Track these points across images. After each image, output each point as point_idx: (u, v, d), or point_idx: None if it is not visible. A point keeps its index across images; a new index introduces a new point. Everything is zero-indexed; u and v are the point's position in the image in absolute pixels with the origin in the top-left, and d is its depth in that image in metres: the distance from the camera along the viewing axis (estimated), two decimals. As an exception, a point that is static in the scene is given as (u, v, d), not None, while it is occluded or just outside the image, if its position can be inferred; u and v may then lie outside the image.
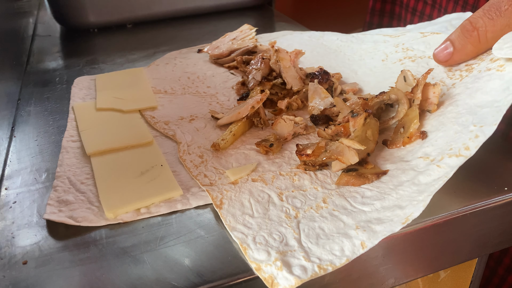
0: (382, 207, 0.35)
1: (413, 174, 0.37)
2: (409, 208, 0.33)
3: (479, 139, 0.35)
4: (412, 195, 0.34)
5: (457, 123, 0.38)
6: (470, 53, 0.42)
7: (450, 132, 0.38)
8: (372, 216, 0.34)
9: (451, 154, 0.35)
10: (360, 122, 0.41)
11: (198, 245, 0.33)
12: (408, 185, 0.36)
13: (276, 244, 0.33)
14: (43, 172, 0.43)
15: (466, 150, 0.35)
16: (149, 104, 0.53)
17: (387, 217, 0.33)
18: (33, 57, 0.75)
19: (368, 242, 0.32)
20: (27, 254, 0.33)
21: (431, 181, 0.35)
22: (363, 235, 0.32)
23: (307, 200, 0.37)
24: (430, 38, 0.54)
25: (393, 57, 0.55)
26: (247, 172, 0.41)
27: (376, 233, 0.32)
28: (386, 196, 0.36)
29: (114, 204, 0.36)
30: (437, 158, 0.36)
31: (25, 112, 0.55)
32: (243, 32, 0.72)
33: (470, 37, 0.41)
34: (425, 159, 0.37)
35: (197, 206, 0.37)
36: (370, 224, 0.33)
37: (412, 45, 0.55)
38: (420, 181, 0.35)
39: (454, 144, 0.36)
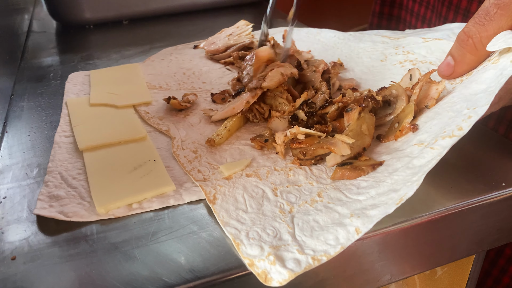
0: (377, 193, 0.34)
1: (408, 160, 0.36)
2: (403, 190, 0.32)
3: (472, 119, 0.34)
4: (406, 178, 0.34)
5: (452, 110, 0.38)
6: (471, 62, 0.43)
7: (445, 118, 0.38)
8: (367, 203, 0.33)
9: (445, 136, 0.35)
10: (354, 116, 0.41)
11: (191, 240, 0.32)
12: (403, 170, 0.35)
13: (270, 239, 0.32)
14: (35, 167, 0.42)
15: (459, 130, 0.34)
16: (143, 99, 0.53)
17: (381, 201, 0.33)
18: (28, 53, 0.74)
19: (362, 227, 0.31)
20: (16, 249, 0.32)
21: (425, 162, 0.34)
22: (357, 221, 0.32)
23: (301, 195, 0.37)
24: (431, 44, 0.53)
25: (393, 58, 0.55)
26: (242, 167, 0.40)
27: (370, 217, 0.31)
28: (381, 183, 0.35)
29: (106, 199, 0.36)
30: (431, 142, 0.36)
31: (18, 108, 0.54)
32: (240, 28, 0.71)
33: (467, 46, 0.42)
34: (420, 145, 0.37)
35: (190, 202, 0.37)
36: (365, 210, 0.32)
37: (413, 49, 0.54)
38: (414, 165, 0.35)
39: (447, 128, 0.36)
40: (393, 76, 0.52)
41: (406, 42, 0.57)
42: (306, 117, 0.44)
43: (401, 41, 0.58)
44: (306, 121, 0.44)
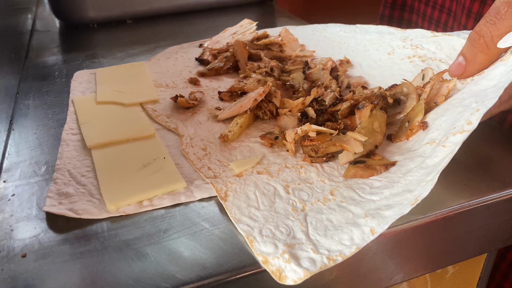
0: (391, 194, 0.34)
1: (421, 160, 0.36)
2: (418, 190, 0.32)
3: (480, 112, 0.34)
4: (420, 178, 0.33)
5: (460, 105, 0.38)
6: (483, 61, 0.42)
7: (454, 114, 0.38)
8: (381, 204, 0.33)
9: (455, 132, 0.35)
10: (366, 114, 0.41)
11: (203, 238, 0.32)
12: (417, 170, 0.35)
13: (283, 237, 0.32)
14: (43, 165, 0.41)
15: (468, 124, 0.34)
16: (150, 97, 0.53)
17: (396, 202, 0.32)
18: (32, 52, 0.73)
19: (378, 228, 0.31)
20: (26, 247, 0.32)
21: (438, 161, 0.34)
22: (372, 222, 0.31)
23: (314, 193, 0.36)
24: (440, 39, 0.53)
25: (401, 52, 0.55)
26: (252, 165, 0.40)
27: (385, 218, 0.31)
28: (395, 184, 0.35)
29: (116, 196, 0.35)
30: (442, 139, 0.36)
31: (24, 106, 0.54)
32: (244, 27, 0.71)
33: (478, 45, 0.42)
34: (431, 144, 0.36)
35: (201, 199, 0.36)
36: (379, 210, 0.32)
37: (421, 43, 0.54)
38: (427, 164, 0.34)
39: (457, 123, 0.36)
40: (402, 72, 0.51)
41: (414, 35, 0.56)
42: (315, 114, 0.44)
43: (408, 32, 0.58)
44: (315, 118, 0.44)
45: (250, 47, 0.62)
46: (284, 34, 0.64)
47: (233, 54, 0.61)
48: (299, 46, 0.64)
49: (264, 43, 0.63)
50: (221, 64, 0.60)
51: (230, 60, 0.60)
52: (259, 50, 0.62)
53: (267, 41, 0.62)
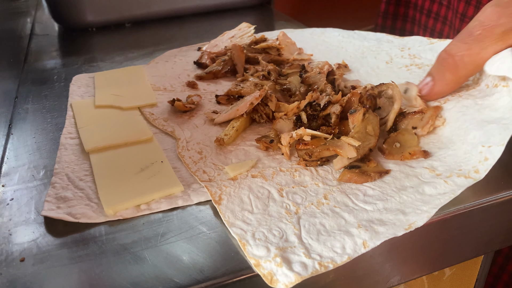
0: (385, 208, 0.34)
1: (417, 182, 0.36)
2: (412, 216, 0.33)
3: (488, 162, 0.35)
4: (415, 203, 0.34)
5: (466, 142, 0.38)
6: (450, 82, 0.42)
7: (460, 151, 0.38)
8: (374, 216, 0.33)
9: (460, 174, 0.36)
10: (358, 118, 0.41)
11: (200, 241, 0.32)
12: (412, 192, 0.35)
13: (276, 240, 0.32)
14: (41, 169, 0.42)
15: (475, 173, 0.35)
16: (148, 101, 0.53)
17: (389, 220, 0.33)
18: (31, 55, 0.74)
19: (370, 242, 0.31)
20: (25, 251, 0.32)
21: (436, 194, 0.34)
22: (365, 235, 0.32)
23: (307, 196, 0.37)
24: (437, 46, 0.53)
25: (399, 61, 0.55)
26: (247, 168, 0.40)
27: (378, 234, 0.32)
28: (389, 198, 0.35)
29: (114, 200, 0.36)
30: (445, 174, 0.36)
31: (23, 110, 0.54)
32: (242, 30, 0.72)
33: (447, 65, 0.41)
34: (431, 171, 0.37)
35: (198, 202, 0.37)
36: (372, 224, 0.33)
37: (419, 53, 0.55)
38: (424, 191, 0.35)
39: (464, 166, 0.36)
40: (399, 79, 0.52)
41: (411, 43, 0.57)
42: (309, 119, 0.44)
43: (406, 40, 0.58)
44: (308, 123, 0.44)
45: (248, 51, 0.63)
46: (282, 38, 0.64)
47: (230, 58, 0.61)
48: (297, 50, 0.64)
49: (262, 47, 0.63)
50: (219, 67, 0.60)
51: (228, 64, 0.61)
52: (257, 53, 0.63)
53: (264, 45, 0.63)
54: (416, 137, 0.41)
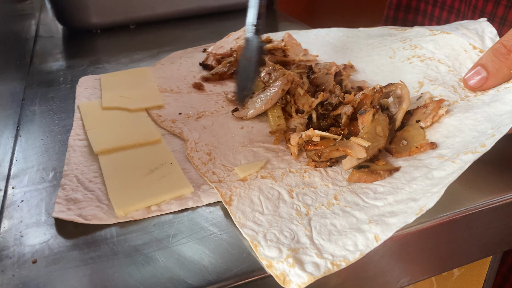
0: (395, 200, 0.34)
1: (426, 170, 0.36)
2: (423, 200, 0.33)
3: (495, 137, 0.35)
4: (425, 188, 0.34)
5: (476, 130, 0.38)
6: (506, 76, 0.40)
7: (468, 137, 0.38)
8: (385, 210, 0.33)
9: (467, 152, 0.35)
10: (368, 118, 0.41)
11: (212, 242, 0.32)
12: (422, 180, 0.35)
13: (287, 241, 0.32)
14: (50, 171, 0.42)
15: (482, 147, 0.35)
16: (155, 102, 0.53)
17: (400, 209, 0.33)
18: (36, 58, 0.74)
19: (382, 235, 0.31)
20: (37, 252, 0.32)
21: (445, 175, 0.34)
22: (376, 228, 0.32)
23: (318, 197, 0.37)
24: (439, 37, 0.53)
25: (401, 54, 0.55)
26: (256, 169, 0.40)
27: (389, 225, 0.31)
28: (399, 190, 0.35)
29: (124, 201, 0.36)
30: (452, 156, 0.36)
31: (30, 112, 0.54)
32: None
33: (506, 61, 0.39)
34: (440, 159, 0.37)
35: (208, 204, 0.37)
36: (383, 217, 0.32)
37: (420, 43, 0.54)
38: (434, 176, 0.35)
39: (470, 145, 0.36)
40: (402, 75, 0.51)
41: (413, 34, 0.56)
42: (319, 118, 0.44)
43: (408, 32, 0.58)
44: (318, 122, 0.44)
45: (254, 52, 0.63)
46: (287, 39, 0.64)
47: (236, 59, 0.61)
48: (302, 51, 0.64)
49: (268, 48, 0.63)
50: (225, 69, 0.60)
51: (233, 65, 0.61)
52: (263, 55, 0.63)
53: (270, 46, 0.63)
54: (423, 131, 0.41)
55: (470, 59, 0.48)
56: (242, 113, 0.50)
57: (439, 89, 0.46)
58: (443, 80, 0.47)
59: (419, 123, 0.42)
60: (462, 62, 0.49)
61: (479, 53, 0.48)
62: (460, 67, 0.48)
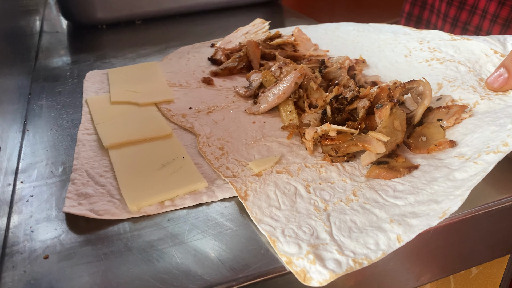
0: (416, 201, 0.33)
1: (447, 171, 0.35)
2: (445, 203, 0.32)
3: None
4: (448, 190, 0.33)
5: (494, 124, 0.37)
6: None
7: (487, 132, 0.37)
8: (406, 210, 0.32)
9: (489, 151, 0.34)
10: (386, 113, 0.40)
11: (228, 238, 0.31)
12: (443, 181, 0.34)
13: (307, 237, 0.31)
14: (59, 165, 0.41)
15: (504, 146, 0.34)
16: (165, 97, 0.52)
17: (422, 211, 0.32)
18: (42, 53, 0.73)
19: (404, 236, 0.30)
20: (48, 248, 0.31)
21: (468, 177, 0.33)
22: (398, 229, 0.31)
23: (336, 193, 0.36)
24: (459, 43, 0.52)
25: (418, 55, 0.54)
26: (271, 164, 0.39)
27: (412, 227, 0.31)
28: (420, 190, 0.34)
29: (137, 196, 0.35)
30: (474, 156, 0.35)
31: (37, 106, 0.53)
32: (256, 26, 0.71)
33: None
34: (460, 158, 0.36)
35: (223, 199, 0.36)
36: (405, 218, 0.32)
37: (439, 47, 0.53)
38: (455, 177, 0.34)
39: (491, 142, 0.35)
40: (420, 75, 0.51)
41: (430, 36, 0.56)
42: (334, 113, 0.43)
43: (424, 33, 0.57)
44: (333, 117, 0.43)
45: (263, 47, 0.62)
46: (297, 34, 0.63)
47: (246, 54, 0.60)
48: (313, 46, 0.63)
49: (277, 43, 0.62)
50: (234, 63, 0.59)
51: (243, 60, 0.60)
52: (272, 49, 0.62)
53: (280, 41, 0.62)
54: (442, 130, 0.41)
55: (491, 62, 0.47)
56: (254, 108, 0.49)
57: (458, 91, 0.45)
58: (462, 80, 0.46)
59: (440, 122, 0.41)
60: (482, 65, 0.48)
61: (500, 57, 0.47)
62: (481, 69, 0.47)
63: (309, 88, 0.47)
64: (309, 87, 0.47)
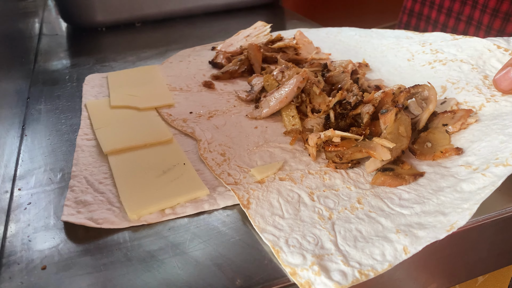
0: (423, 211, 0.32)
1: (454, 181, 0.34)
2: (453, 215, 0.31)
3: None
4: (455, 202, 0.32)
5: (503, 134, 0.37)
6: None
7: (495, 142, 0.36)
8: (412, 220, 0.32)
9: (498, 164, 0.34)
10: (391, 118, 0.39)
11: (231, 248, 0.31)
12: (450, 192, 0.33)
13: (311, 247, 0.30)
14: (58, 172, 0.40)
15: None
16: (165, 101, 0.51)
17: (429, 222, 0.31)
18: (41, 56, 0.72)
19: (411, 248, 0.29)
20: (46, 258, 0.30)
21: (476, 189, 0.33)
22: (405, 240, 0.30)
23: (340, 201, 0.35)
24: (461, 42, 0.51)
25: (421, 58, 0.53)
26: (274, 171, 0.39)
27: (419, 238, 0.30)
28: (426, 200, 0.33)
29: (137, 204, 0.34)
30: (481, 167, 0.34)
31: (36, 111, 0.52)
32: (257, 29, 0.70)
33: None
34: (467, 168, 0.35)
35: (224, 206, 0.35)
36: (412, 228, 0.31)
37: (441, 47, 0.52)
38: (463, 189, 0.33)
39: (500, 154, 0.34)
40: (424, 79, 0.50)
41: (432, 38, 0.55)
42: (337, 118, 0.42)
43: (426, 36, 0.56)
44: (337, 122, 0.42)
45: (265, 50, 0.61)
46: (299, 37, 0.63)
47: (247, 58, 0.59)
48: (315, 49, 0.63)
49: (279, 46, 0.61)
50: (235, 67, 0.59)
51: (244, 63, 0.59)
52: (274, 52, 0.61)
53: (282, 44, 0.61)
54: (448, 135, 0.40)
55: (494, 57, 0.47)
56: (255, 113, 0.48)
57: (462, 93, 0.44)
58: (466, 80, 0.45)
59: (445, 127, 0.40)
60: (486, 60, 0.47)
61: (504, 52, 0.46)
62: (484, 65, 0.47)
63: (312, 93, 0.46)
64: (312, 92, 0.46)
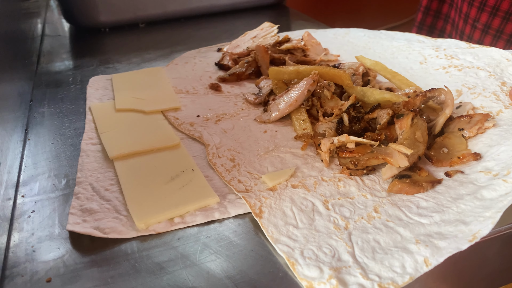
0: (442, 220, 0.31)
1: (474, 188, 0.33)
2: (475, 224, 0.30)
3: None
4: (476, 211, 0.31)
5: None
6: None
7: None
8: (432, 230, 0.30)
9: None
10: (407, 123, 0.38)
11: (243, 259, 0.29)
12: (470, 199, 0.32)
13: (328, 259, 0.29)
14: (62, 178, 0.39)
15: None
16: (172, 104, 0.50)
17: (449, 232, 0.30)
18: (44, 57, 0.71)
19: (432, 259, 0.28)
20: (51, 270, 0.29)
21: (498, 196, 0.31)
22: (425, 251, 0.29)
23: (356, 209, 0.34)
24: (478, 50, 0.50)
25: (434, 62, 0.52)
26: (286, 178, 0.37)
27: (440, 249, 0.29)
28: (445, 209, 0.32)
29: (145, 213, 0.33)
30: (502, 172, 0.33)
31: (39, 114, 0.51)
32: (264, 30, 0.69)
33: None
34: (487, 174, 0.34)
35: (235, 215, 0.34)
36: (432, 239, 0.30)
37: (456, 54, 0.51)
38: (483, 196, 0.32)
39: None
40: (437, 83, 0.49)
41: (446, 44, 0.54)
42: (351, 122, 0.41)
43: (440, 41, 0.55)
44: (350, 126, 0.41)
45: (272, 51, 0.60)
46: (307, 38, 0.61)
47: (254, 59, 0.58)
48: (323, 51, 0.61)
49: (287, 48, 0.60)
50: (242, 69, 0.57)
51: (251, 65, 0.58)
52: (282, 54, 0.60)
53: (289, 45, 0.60)
54: (465, 140, 0.39)
55: None
56: (264, 116, 0.47)
57: (479, 98, 0.43)
58: (483, 86, 0.44)
59: (461, 132, 0.39)
60: (503, 69, 0.46)
61: None
62: (502, 73, 0.45)
63: (323, 96, 0.45)
64: (323, 95, 0.45)
